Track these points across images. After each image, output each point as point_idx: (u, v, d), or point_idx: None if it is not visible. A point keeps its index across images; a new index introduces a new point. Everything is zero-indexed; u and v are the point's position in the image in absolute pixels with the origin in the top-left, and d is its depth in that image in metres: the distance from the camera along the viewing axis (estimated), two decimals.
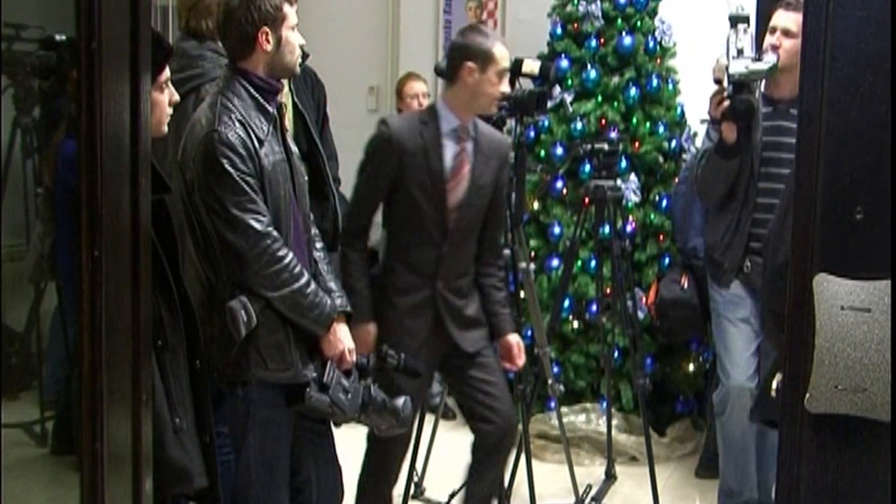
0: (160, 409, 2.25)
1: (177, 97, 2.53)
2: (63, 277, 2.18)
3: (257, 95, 2.86)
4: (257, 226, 2.75)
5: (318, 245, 3.12)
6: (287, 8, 2.89)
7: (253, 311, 2.78)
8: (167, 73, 2.47)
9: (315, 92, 4.26)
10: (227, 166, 2.73)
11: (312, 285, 2.88)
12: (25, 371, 2.23)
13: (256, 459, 2.92)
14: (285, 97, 4.08)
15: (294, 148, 3.06)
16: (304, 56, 4.15)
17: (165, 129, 2.58)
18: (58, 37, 1.84)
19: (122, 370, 1.80)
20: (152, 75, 2.36)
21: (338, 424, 3.16)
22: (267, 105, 2.88)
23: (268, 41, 2.85)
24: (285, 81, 4.09)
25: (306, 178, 3.13)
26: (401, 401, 3.07)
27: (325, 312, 2.89)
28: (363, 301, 3.36)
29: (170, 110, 2.51)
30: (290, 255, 2.82)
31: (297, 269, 2.83)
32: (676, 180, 5.17)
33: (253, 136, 2.79)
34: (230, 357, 2.82)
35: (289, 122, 4.11)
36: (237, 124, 2.77)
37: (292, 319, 2.86)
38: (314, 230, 3.13)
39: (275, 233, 2.79)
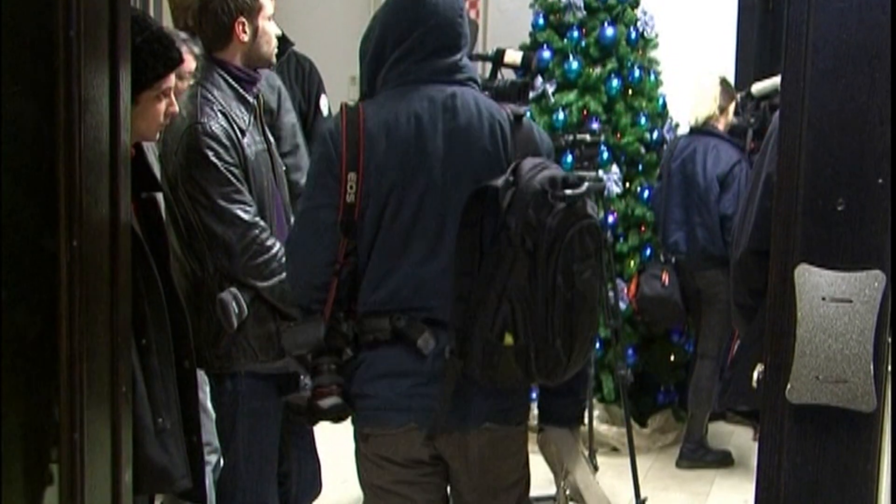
0: (140, 410, 2.23)
1: (175, 108, 2.48)
2: None
3: (236, 86, 2.85)
4: (245, 216, 2.74)
5: None
6: None
7: (244, 302, 2.78)
8: (171, 82, 2.42)
9: (305, 83, 4.23)
10: (212, 157, 2.71)
11: None
12: None
13: (244, 452, 2.91)
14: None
15: (272, 138, 3.05)
16: (289, 43, 4.13)
17: (156, 136, 2.54)
18: (35, 26, 1.81)
19: (101, 361, 1.79)
20: (152, 81, 2.34)
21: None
22: (246, 95, 2.87)
23: (244, 31, 2.83)
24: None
25: (284, 167, 3.12)
26: None
27: None
28: None
29: (165, 121, 2.48)
30: (278, 244, 2.82)
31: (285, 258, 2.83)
32: (658, 172, 5.19)
33: (235, 126, 2.78)
34: (219, 349, 2.81)
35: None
36: (219, 115, 2.76)
37: (281, 309, 2.85)
38: (294, 219, 3.12)
39: (262, 223, 2.79)
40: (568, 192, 2.11)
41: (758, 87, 4.94)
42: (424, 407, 2.24)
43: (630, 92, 5.22)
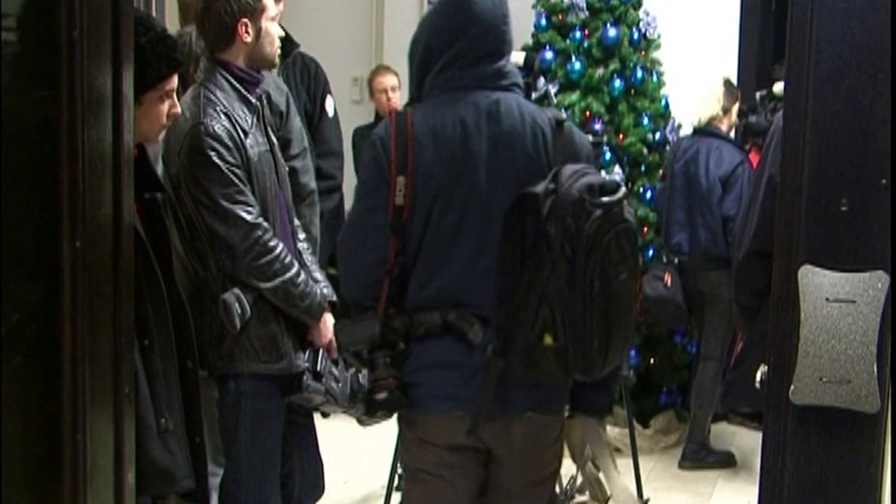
0: (143, 410, 2.23)
1: (178, 110, 2.49)
2: None
3: (239, 87, 2.85)
4: (248, 217, 2.74)
5: (301, 236, 3.12)
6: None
7: (247, 302, 2.78)
8: (174, 83, 2.42)
9: (311, 85, 4.23)
10: (215, 158, 2.71)
11: (302, 275, 2.88)
12: None
13: (247, 453, 2.91)
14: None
15: (274, 139, 3.05)
16: (295, 45, 4.13)
17: (158, 137, 2.54)
18: (38, 26, 1.82)
19: (104, 362, 1.79)
20: (156, 82, 2.34)
21: (326, 414, 3.15)
22: (249, 96, 2.87)
23: (247, 32, 2.83)
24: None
25: (287, 168, 3.12)
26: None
27: (315, 301, 2.90)
28: None
29: (168, 122, 2.48)
30: (281, 245, 2.82)
31: (288, 259, 2.83)
32: (661, 173, 5.18)
33: (238, 127, 2.78)
34: (222, 350, 2.81)
35: None
36: (222, 116, 2.76)
37: (284, 310, 2.85)
38: (297, 221, 3.12)
39: (265, 223, 2.79)
40: (605, 199, 2.21)
41: (780, 88, 4.93)
42: (469, 396, 2.35)
43: (632, 93, 5.21)
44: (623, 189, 2.28)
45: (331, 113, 4.33)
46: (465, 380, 2.36)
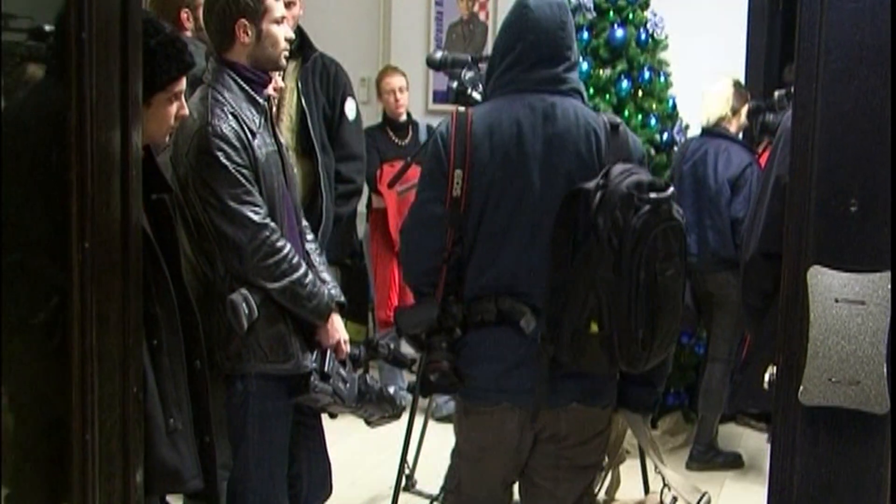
0: (151, 410, 2.23)
1: (185, 111, 2.49)
2: None
3: (247, 87, 2.85)
4: (255, 217, 2.74)
5: (310, 237, 3.13)
6: (271, 1, 2.86)
7: (254, 303, 2.78)
8: (182, 85, 2.43)
9: (331, 88, 4.22)
10: (223, 159, 2.71)
11: (310, 275, 2.88)
12: None
13: (255, 453, 2.91)
14: (289, 92, 4.05)
15: (283, 140, 3.05)
16: (313, 50, 4.13)
17: (165, 139, 2.54)
18: (47, 27, 1.82)
19: (113, 362, 1.79)
20: (165, 84, 2.35)
21: (334, 415, 3.16)
22: (257, 97, 2.87)
23: (246, 33, 2.83)
24: (292, 73, 4.06)
25: (296, 170, 3.12)
26: (392, 389, 3.09)
27: (323, 302, 2.90)
28: None
29: (175, 124, 2.48)
30: (288, 245, 2.82)
31: (295, 259, 2.83)
32: (668, 173, 5.17)
33: (246, 127, 2.78)
34: (230, 350, 2.81)
35: (289, 116, 4.09)
36: (230, 116, 2.76)
37: (292, 310, 2.85)
38: (305, 222, 3.13)
39: (272, 224, 2.79)
40: (653, 195, 2.33)
41: None
42: (517, 388, 2.52)
43: (640, 93, 5.20)
44: (672, 189, 2.38)
45: (351, 116, 4.30)
46: (511, 371, 2.51)
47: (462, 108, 2.60)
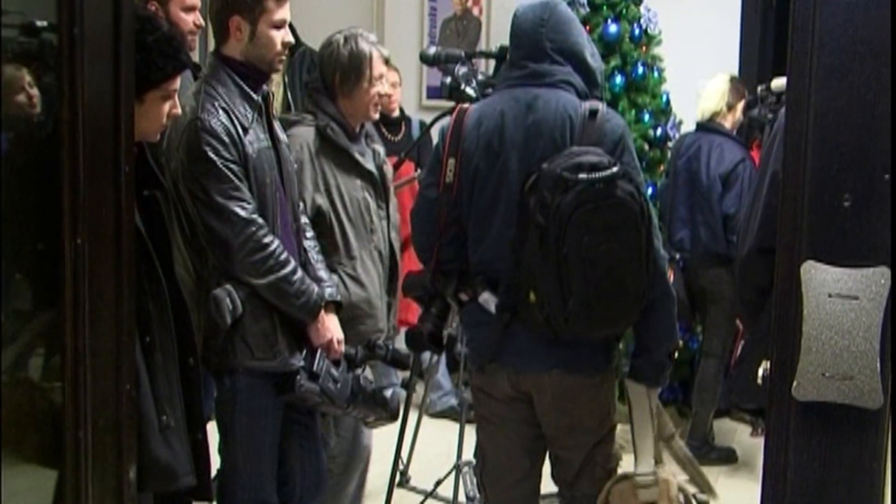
0: (144, 407, 2.23)
1: (178, 111, 2.48)
2: None
3: (241, 83, 2.84)
4: (242, 213, 2.74)
5: (309, 234, 3.10)
6: (271, 4, 2.84)
7: (238, 299, 2.77)
8: (177, 84, 2.42)
9: None
10: (211, 154, 2.71)
11: (299, 273, 2.86)
12: None
13: (243, 450, 2.91)
14: (275, 85, 4.02)
15: (283, 136, 3.03)
16: (300, 44, 4.11)
17: (157, 136, 2.53)
18: (39, 23, 1.82)
19: (106, 359, 1.79)
20: (159, 81, 2.34)
21: (326, 416, 3.15)
22: (251, 92, 2.86)
23: (239, 31, 2.82)
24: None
25: (295, 166, 3.11)
26: (389, 391, 3.08)
27: (311, 300, 2.88)
28: None
29: (168, 122, 2.47)
30: (276, 242, 2.80)
31: (283, 256, 2.81)
32: (662, 168, 5.18)
33: (237, 123, 2.77)
34: (216, 346, 2.80)
35: (274, 109, 4.07)
36: (220, 112, 2.75)
37: (279, 307, 2.84)
38: (304, 219, 3.11)
39: (260, 220, 2.77)
40: (582, 175, 2.48)
41: (777, 83, 4.91)
42: (501, 350, 2.77)
43: (633, 89, 5.20)
44: (613, 169, 2.52)
45: None
46: (497, 335, 2.74)
47: (465, 105, 2.88)
